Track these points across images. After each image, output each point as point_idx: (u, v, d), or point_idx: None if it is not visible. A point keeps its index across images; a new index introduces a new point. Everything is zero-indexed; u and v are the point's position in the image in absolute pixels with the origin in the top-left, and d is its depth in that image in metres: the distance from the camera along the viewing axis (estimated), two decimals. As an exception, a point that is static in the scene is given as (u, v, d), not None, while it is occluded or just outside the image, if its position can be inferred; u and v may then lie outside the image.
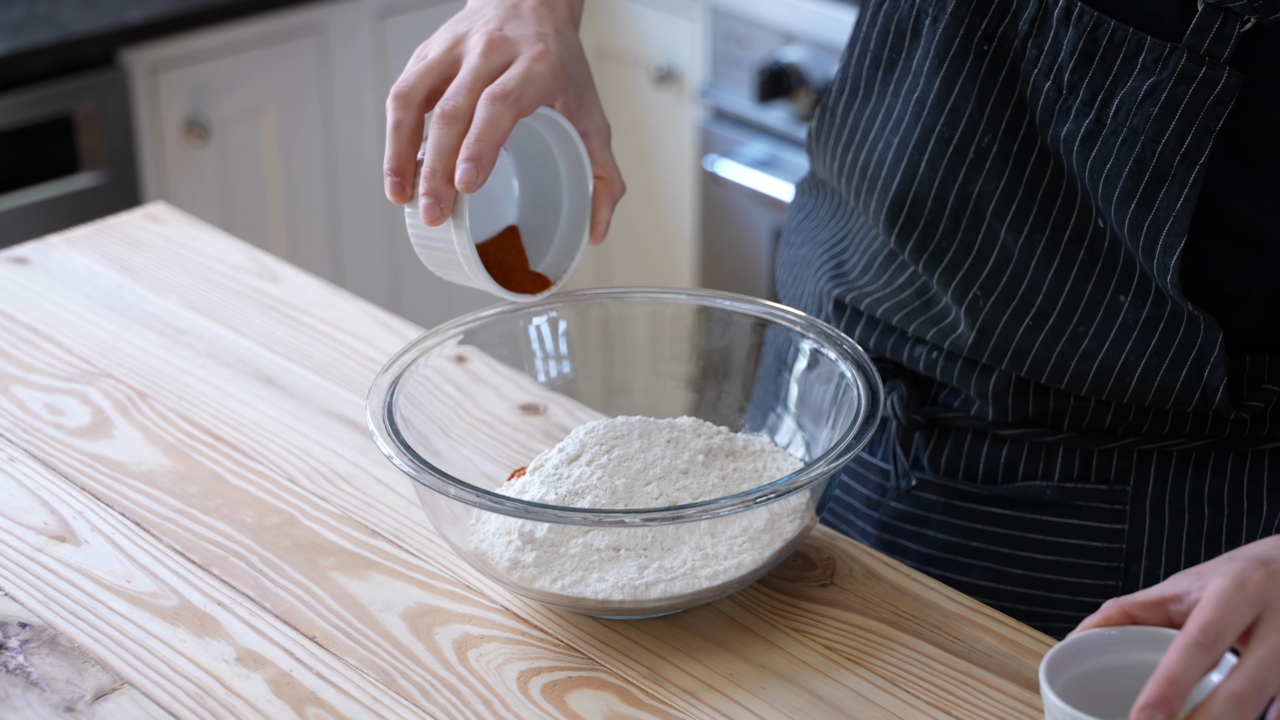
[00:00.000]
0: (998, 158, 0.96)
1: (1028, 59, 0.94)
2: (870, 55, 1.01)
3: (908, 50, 0.99)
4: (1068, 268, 0.96)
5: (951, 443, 1.03)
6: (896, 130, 0.99)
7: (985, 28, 0.95)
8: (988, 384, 0.99)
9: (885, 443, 1.05)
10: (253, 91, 2.34)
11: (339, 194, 2.49)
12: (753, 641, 0.91)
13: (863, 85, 1.02)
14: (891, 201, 0.99)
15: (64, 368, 1.15)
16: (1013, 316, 0.97)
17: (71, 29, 2.13)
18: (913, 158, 0.98)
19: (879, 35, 1.01)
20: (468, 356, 1.06)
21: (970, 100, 0.96)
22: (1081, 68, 0.92)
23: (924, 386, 1.03)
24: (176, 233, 1.32)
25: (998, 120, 0.96)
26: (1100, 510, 1.00)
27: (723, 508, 0.87)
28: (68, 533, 0.99)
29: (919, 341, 1.01)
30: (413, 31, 2.47)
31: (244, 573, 0.96)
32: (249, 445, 1.07)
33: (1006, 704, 0.87)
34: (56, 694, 0.87)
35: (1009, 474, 1.01)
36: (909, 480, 1.03)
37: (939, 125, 0.97)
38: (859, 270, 1.04)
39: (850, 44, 1.03)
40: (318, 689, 0.88)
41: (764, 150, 2.34)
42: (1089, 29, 0.91)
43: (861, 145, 1.02)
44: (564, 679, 0.89)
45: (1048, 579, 1.02)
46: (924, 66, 0.98)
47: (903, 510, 1.05)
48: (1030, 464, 1.01)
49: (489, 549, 0.92)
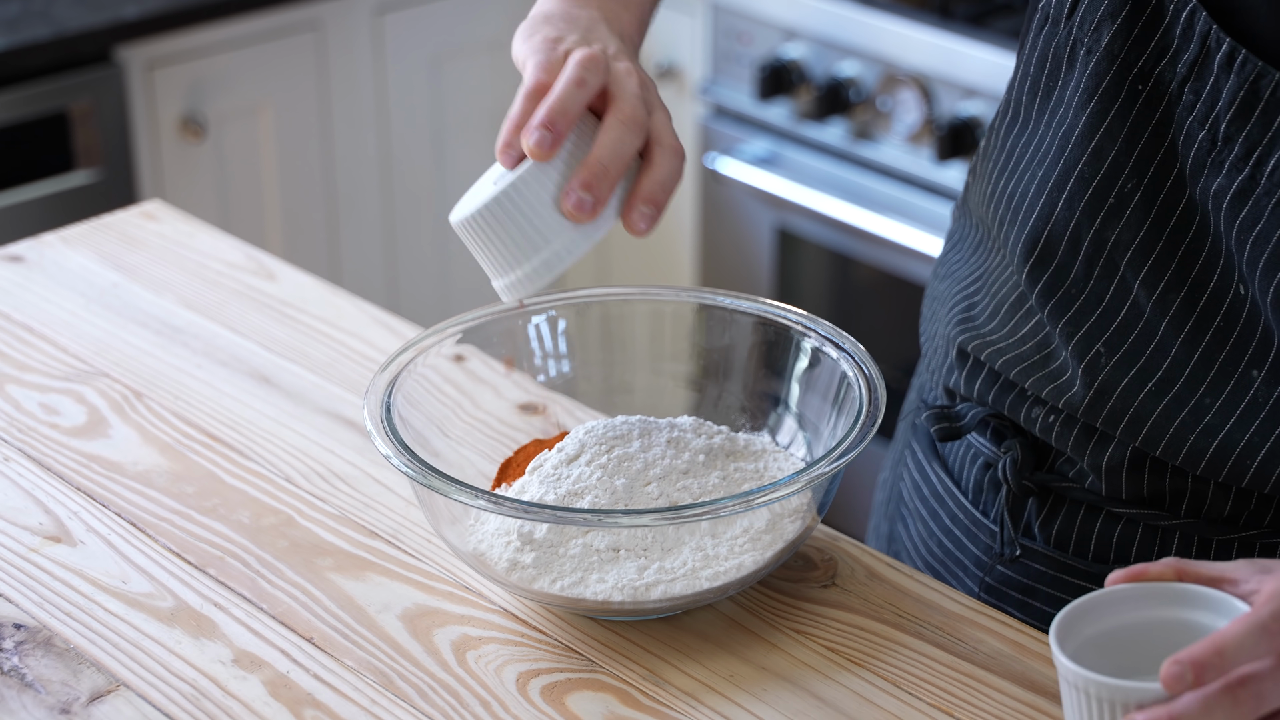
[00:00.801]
0: (1139, 206, 0.90)
1: (1183, 104, 0.88)
2: (1030, 80, 0.97)
3: (1063, 80, 0.94)
4: (1200, 333, 0.90)
5: (1064, 514, 0.98)
6: (1043, 163, 0.94)
7: (1141, 66, 0.90)
8: (1102, 456, 0.94)
9: (996, 506, 1.01)
10: (250, 88, 2.34)
11: (336, 192, 2.48)
12: (753, 643, 0.91)
13: (1023, 111, 0.97)
14: (1028, 237, 0.94)
15: (59, 367, 1.15)
16: (1135, 379, 0.92)
17: (67, 25, 2.12)
18: (1051, 195, 0.93)
19: (1038, 60, 0.96)
20: (466, 356, 1.06)
21: (1117, 141, 0.90)
22: (1240, 119, 0.87)
23: (1041, 452, 0.98)
24: (172, 231, 1.32)
25: (1144, 166, 0.90)
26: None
27: (723, 508, 0.87)
28: (63, 533, 0.99)
29: (1037, 402, 0.96)
30: (411, 28, 2.47)
31: (241, 573, 0.96)
32: (246, 445, 1.07)
33: (1009, 706, 0.87)
34: (52, 696, 0.87)
35: (1121, 554, 0.96)
36: (1014, 549, 0.99)
37: (1080, 164, 0.92)
38: (987, 315, 0.99)
39: (1016, 71, 0.99)
40: (315, 690, 0.87)
41: (765, 148, 2.33)
42: (1251, 79, 0.86)
43: (1014, 173, 0.97)
44: (563, 680, 0.88)
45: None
46: (1074, 99, 0.92)
47: (1011, 577, 1.00)
48: (1144, 546, 0.96)
49: (488, 549, 0.91)
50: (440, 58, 2.49)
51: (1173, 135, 0.89)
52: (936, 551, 1.05)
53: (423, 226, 2.62)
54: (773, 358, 1.01)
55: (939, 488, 1.06)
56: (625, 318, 1.04)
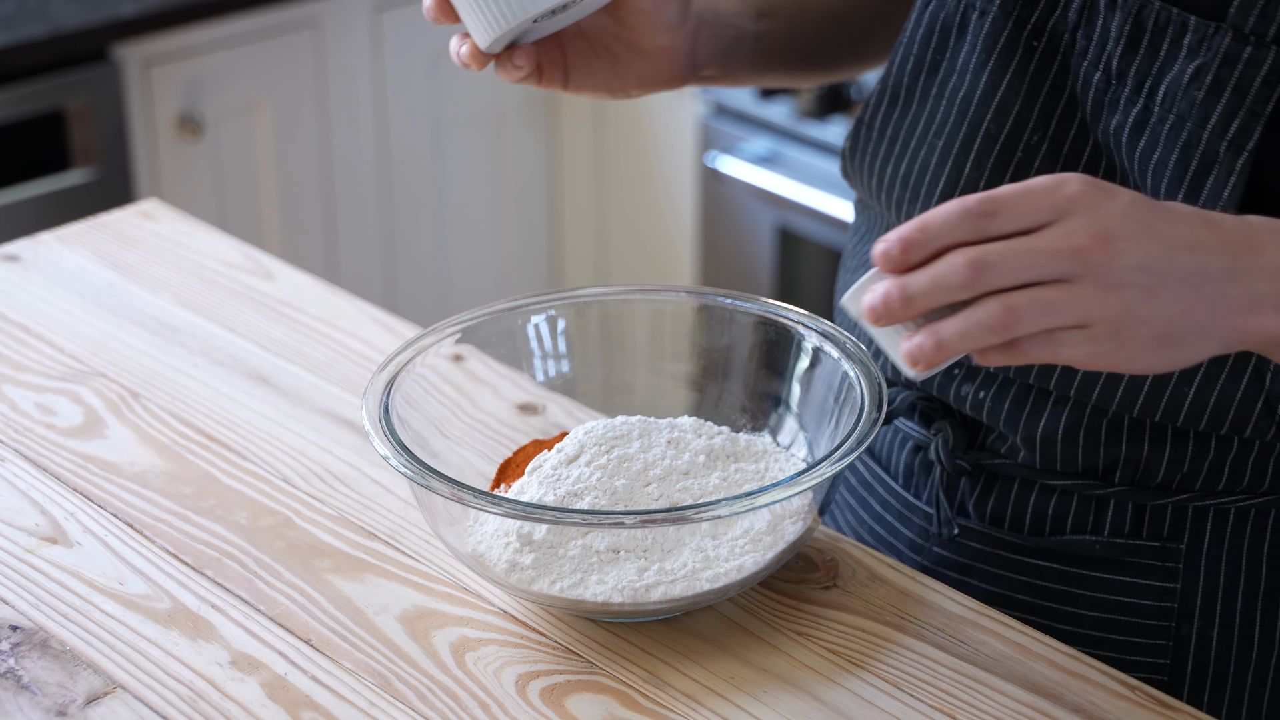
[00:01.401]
0: (1047, 156, 0.93)
1: (1077, 51, 0.92)
2: (913, 60, 0.99)
3: (953, 49, 0.97)
4: None
5: (998, 491, 0.99)
6: (940, 133, 0.96)
7: (1035, 21, 0.93)
8: (1036, 428, 0.95)
9: (930, 487, 1.02)
10: (247, 86, 2.33)
11: (334, 190, 2.47)
12: (754, 645, 0.90)
13: (903, 93, 0.99)
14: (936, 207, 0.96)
15: (55, 367, 1.14)
16: None
17: (63, 23, 2.11)
18: (958, 159, 0.95)
19: (923, 37, 0.98)
20: (465, 355, 1.06)
21: (1019, 96, 0.93)
22: (1129, 54, 0.89)
23: (972, 430, 1.00)
24: (169, 230, 1.31)
25: (1047, 119, 0.93)
26: (1152, 568, 0.96)
27: (724, 509, 0.86)
28: (59, 534, 0.98)
29: (967, 378, 0.98)
30: (409, 26, 2.46)
31: (238, 575, 0.95)
32: (243, 445, 1.06)
33: (1011, 708, 0.86)
34: (48, 698, 0.87)
35: (1057, 526, 0.98)
36: (951, 528, 1.00)
37: (985, 122, 0.94)
38: None
39: (891, 56, 1.01)
40: (313, 693, 0.87)
41: (765, 146, 2.33)
42: (1135, 12, 0.89)
43: (903, 155, 0.98)
44: (563, 682, 0.88)
45: (1095, 636, 0.98)
46: (970, 63, 0.95)
47: (947, 557, 1.01)
48: (1080, 517, 0.97)
49: (487, 551, 0.91)
50: (439, 55, 2.49)
51: (1071, 84, 0.92)
52: (868, 538, 1.06)
53: (422, 225, 2.62)
54: (773, 357, 1.01)
55: (867, 475, 1.07)
56: (625, 317, 1.04)
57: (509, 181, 2.70)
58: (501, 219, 2.72)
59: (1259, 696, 0.97)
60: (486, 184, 2.68)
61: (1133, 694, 0.87)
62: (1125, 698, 0.87)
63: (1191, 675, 0.97)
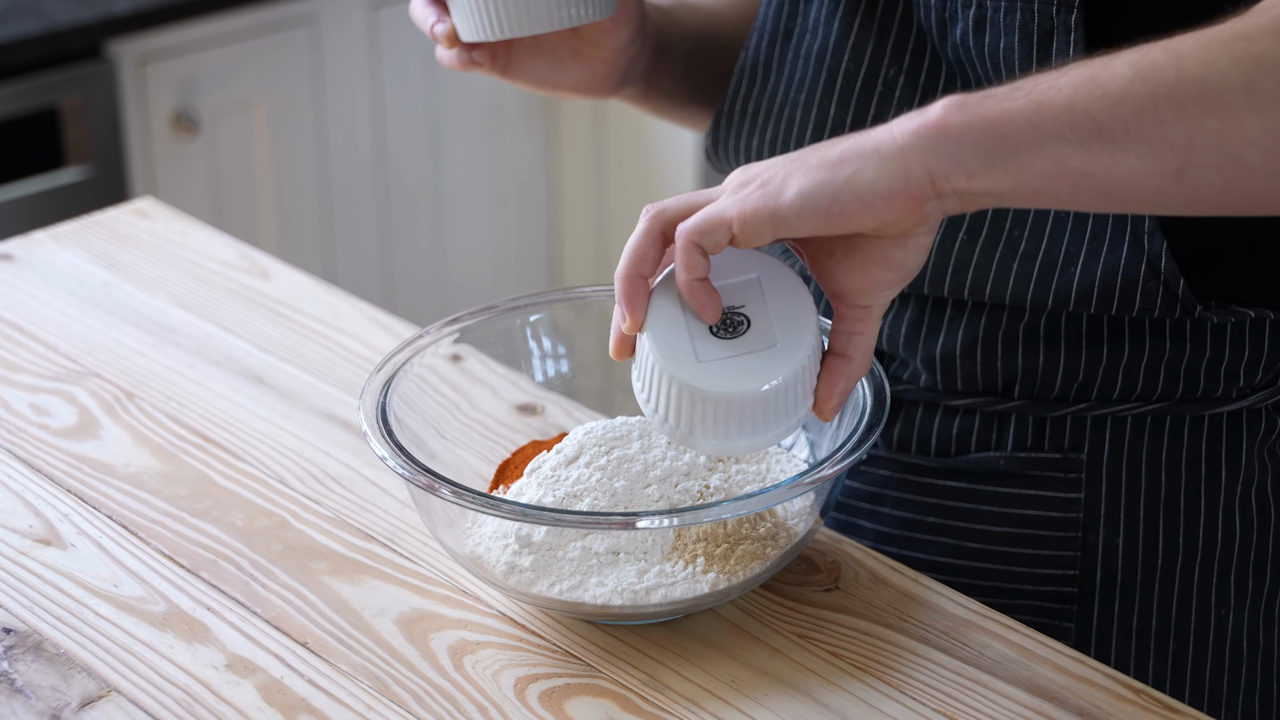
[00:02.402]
0: (906, 86, 0.98)
1: None
2: (768, 36, 1.04)
3: (803, 13, 1.03)
4: None
5: (903, 417, 1.03)
6: (802, 88, 1.02)
7: None
8: (935, 348, 0.99)
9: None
10: (243, 84, 2.33)
11: (331, 189, 2.47)
12: (755, 648, 0.90)
13: (760, 70, 1.04)
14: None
15: (49, 367, 1.14)
16: (947, 233, 0.97)
17: (57, 20, 2.11)
18: (822, 103, 1.01)
19: (774, 14, 1.04)
20: (463, 355, 1.05)
21: (871, 36, 0.99)
22: None
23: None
24: (165, 228, 1.31)
25: (901, 52, 0.98)
26: (1055, 480, 0.99)
27: (725, 511, 0.86)
28: (53, 536, 0.98)
29: None
30: (406, 23, 2.46)
31: (234, 577, 0.95)
32: (239, 446, 1.06)
33: (1015, 711, 0.86)
34: (42, 701, 0.86)
35: (961, 446, 1.01)
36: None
37: (844, 62, 1.00)
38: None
39: (746, 44, 1.06)
40: (310, 696, 0.86)
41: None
42: None
43: (768, 122, 1.03)
44: (562, 686, 0.87)
45: (1005, 552, 1.01)
46: (820, 17, 1.01)
47: (857, 488, 1.05)
48: (982, 435, 1.01)
49: (485, 553, 0.90)
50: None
51: (917, 16, 0.98)
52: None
53: (419, 224, 2.61)
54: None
55: None
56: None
57: (507, 180, 2.70)
58: (500, 218, 2.71)
59: (1167, 602, 1.00)
60: (485, 182, 2.67)
61: (1137, 697, 0.87)
62: (1130, 701, 0.87)
63: (1101, 584, 1.00)
